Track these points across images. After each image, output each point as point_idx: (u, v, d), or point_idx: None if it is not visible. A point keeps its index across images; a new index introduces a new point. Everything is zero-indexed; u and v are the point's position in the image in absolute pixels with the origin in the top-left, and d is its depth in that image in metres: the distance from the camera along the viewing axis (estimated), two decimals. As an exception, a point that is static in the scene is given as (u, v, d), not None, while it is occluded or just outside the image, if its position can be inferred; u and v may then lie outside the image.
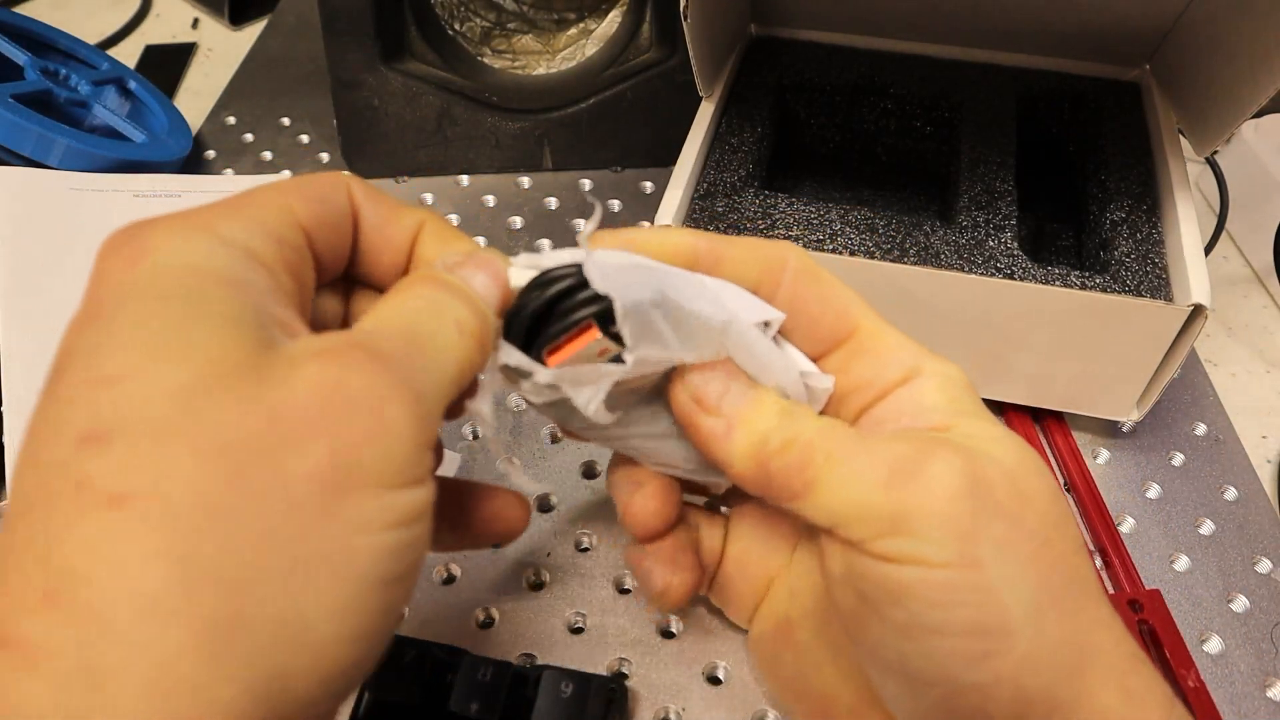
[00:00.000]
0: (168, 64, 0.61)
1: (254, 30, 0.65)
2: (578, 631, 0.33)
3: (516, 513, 0.26)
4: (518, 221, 0.50)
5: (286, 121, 0.57)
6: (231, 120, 0.56)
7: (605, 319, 0.20)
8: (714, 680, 0.32)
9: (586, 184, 0.52)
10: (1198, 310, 0.33)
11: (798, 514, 0.22)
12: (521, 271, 0.21)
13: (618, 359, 0.21)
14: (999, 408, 0.40)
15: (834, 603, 0.22)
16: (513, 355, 0.21)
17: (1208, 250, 0.39)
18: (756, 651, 0.28)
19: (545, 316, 0.21)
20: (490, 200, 0.51)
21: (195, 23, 0.66)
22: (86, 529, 0.14)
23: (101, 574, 0.14)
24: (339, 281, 0.22)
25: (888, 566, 0.20)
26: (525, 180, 0.52)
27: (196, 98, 0.59)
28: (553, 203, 0.51)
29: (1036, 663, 0.19)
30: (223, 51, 0.63)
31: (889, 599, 0.20)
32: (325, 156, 0.54)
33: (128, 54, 0.62)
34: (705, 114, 0.41)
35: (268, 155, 0.54)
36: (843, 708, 0.25)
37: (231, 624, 0.14)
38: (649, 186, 0.52)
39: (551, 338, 0.21)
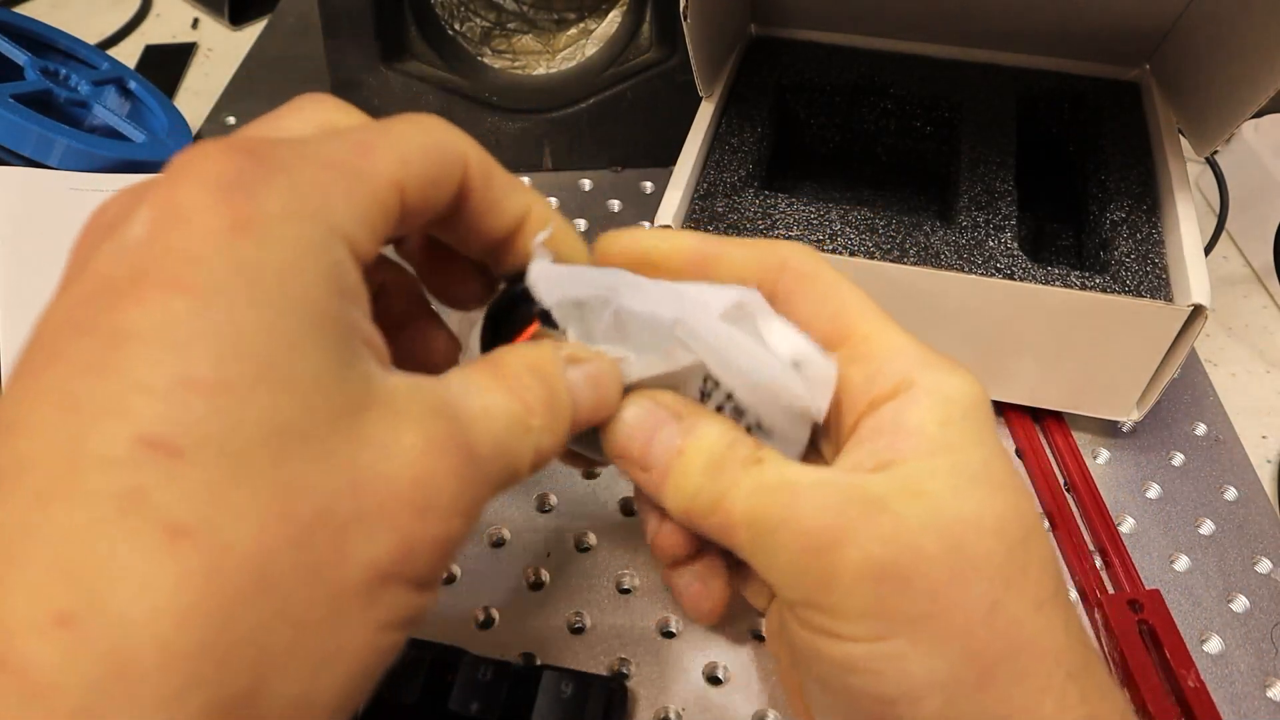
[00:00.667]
0: (168, 64, 0.61)
1: (254, 30, 0.65)
2: (578, 631, 0.33)
3: (441, 349, 0.24)
4: (518, 221, 0.50)
5: (286, 121, 0.57)
6: (232, 120, 0.56)
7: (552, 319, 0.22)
8: (714, 680, 0.32)
9: (586, 184, 0.52)
10: (1198, 310, 0.33)
11: None
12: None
13: None
14: (999, 408, 0.40)
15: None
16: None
17: (1208, 250, 0.39)
18: (766, 630, 0.29)
19: (504, 322, 0.23)
20: (490, 200, 0.51)
21: (195, 23, 0.66)
22: (129, 554, 0.12)
23: (132, 614, 0.12)
24: None
25: (803, 630, 0.21)
26: (525, 180, 0.52)
27: (196, 98, 0.59)
28: (553, 203, 0.51)
29: None
30: (223, 51, 0.63)
31: (808, 654, 0.21)
32: (325, 156, 0.54)
33: (128, 54, 0.62)
34: (705, 114, 0.41)
35: (268, 155, 0.54)
36: None
37: (246, 703, 0.13)
38: (649, 186, 0.52)
39: (504, 339, 0.22)
